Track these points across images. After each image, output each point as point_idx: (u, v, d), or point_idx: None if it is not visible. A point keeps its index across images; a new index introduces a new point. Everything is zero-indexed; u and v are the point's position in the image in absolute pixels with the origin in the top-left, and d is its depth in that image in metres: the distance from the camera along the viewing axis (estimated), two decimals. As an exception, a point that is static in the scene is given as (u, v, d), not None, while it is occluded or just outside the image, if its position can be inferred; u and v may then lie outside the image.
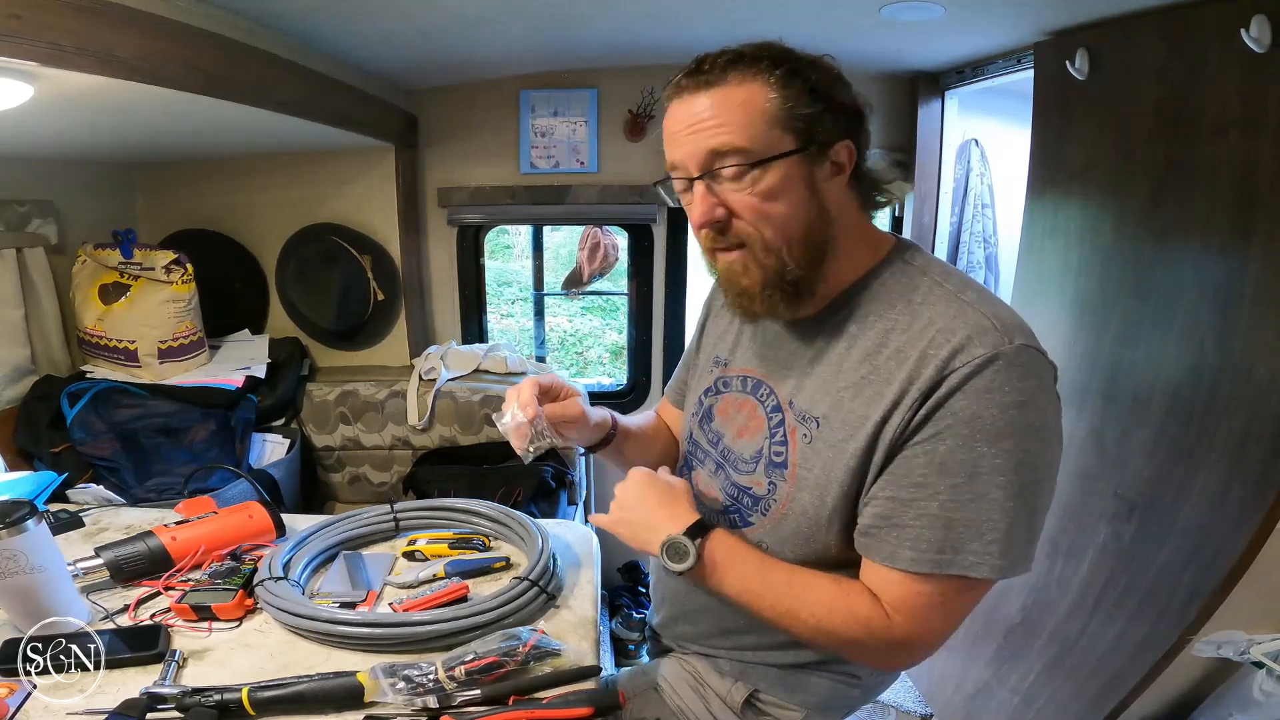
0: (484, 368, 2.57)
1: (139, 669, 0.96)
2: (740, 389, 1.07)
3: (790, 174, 0.88)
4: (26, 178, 1.98)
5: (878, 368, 0.89)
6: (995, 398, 0.80)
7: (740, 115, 0.86)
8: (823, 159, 0.89)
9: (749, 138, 0.86)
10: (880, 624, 0.88)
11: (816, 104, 0.87)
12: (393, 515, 1.33)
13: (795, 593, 0.92)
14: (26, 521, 0.97)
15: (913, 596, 0.86)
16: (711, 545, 0.94)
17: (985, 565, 0.82)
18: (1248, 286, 1.41)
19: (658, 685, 1.14)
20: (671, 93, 0.91)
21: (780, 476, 0.97)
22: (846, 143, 0.90)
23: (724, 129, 0.86)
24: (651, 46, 2.15)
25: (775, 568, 0.94)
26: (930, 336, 0.85)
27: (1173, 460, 1.56)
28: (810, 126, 0.87)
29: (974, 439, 0.81)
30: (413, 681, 0.90)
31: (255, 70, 1.59)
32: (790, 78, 0.86)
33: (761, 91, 0.86)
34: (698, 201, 0.91)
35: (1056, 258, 1.97)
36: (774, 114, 0.86)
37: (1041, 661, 1.85)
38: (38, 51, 1.04)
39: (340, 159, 2.48)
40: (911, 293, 0.91)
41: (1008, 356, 0.81)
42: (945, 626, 0.89)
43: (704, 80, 0.88)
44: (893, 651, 0.91)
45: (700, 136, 0.88)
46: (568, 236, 5.27)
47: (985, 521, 0.82)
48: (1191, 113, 1.52)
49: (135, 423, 1.98)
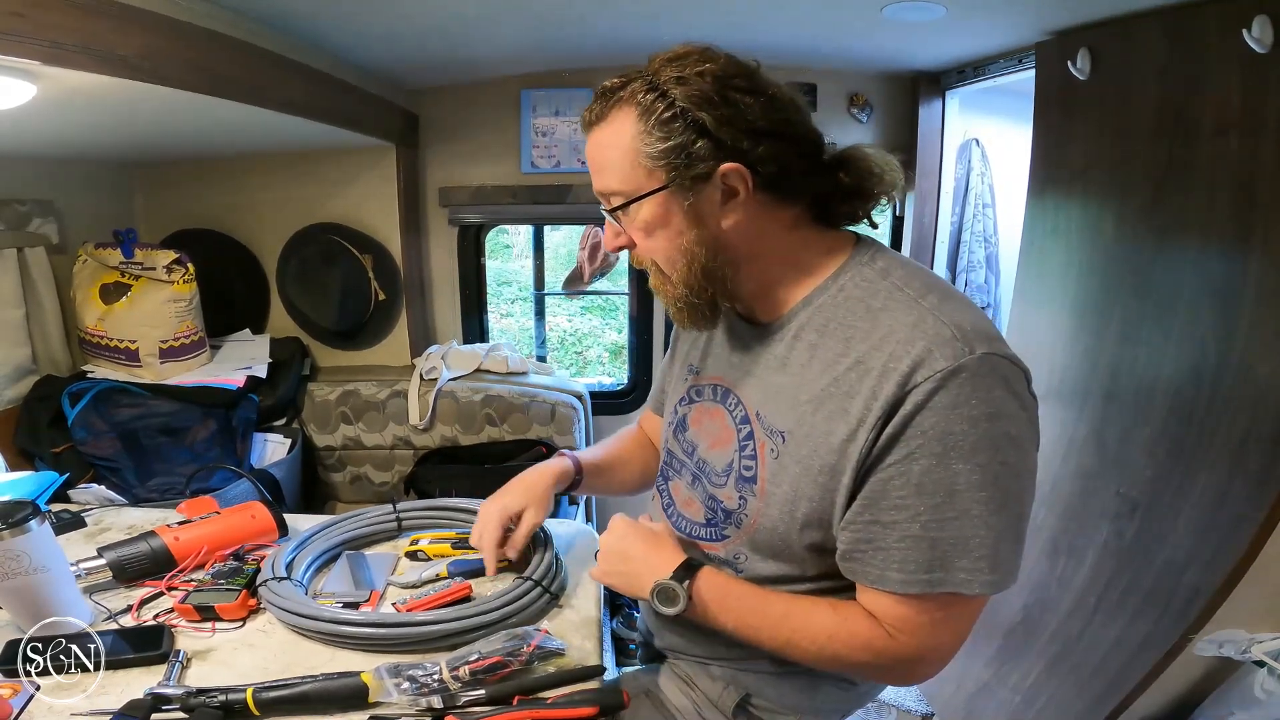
0: (485, 367, 2.57)
1: (143, 669, 0.96)
2: (711, 398, 1.06)
3: (663, 208, 0.88)
4: (28, 177, 1.98)
5: (838, 379, 0.87)
6: (963, 412, 0.78)
7: (610, 157, 0.89)
8: (701, 186, 0.86)
9: (619, 179, 0.89)
10: (883, 644, 0.87)
11: (681, 133, 0.84)
12: (395, 515, 1.33)
13: (794, 624, 0.92)
14: (29, 522, 0.96)
15: (911, 616, 0.85)
16: (700, 585, 0.94)
17: (976, 583, 0.81)
18: (1248, 286, 1.41)
19: (650, 691, 1.13)
20: (581, 127, 0.94)
21: (750, 491, 0.96)
22: (732, 166, 0.84)
23: (602, 172, 0.91)
24: (652, 46, 2.11)
25: (771, 600, 0.94)
26: (890, 349, 0.82)
27: (1174, 459, 1.56)
28: (672, 159, 0.85)
29: (947, 456, 0.79)
30: (417, 682, 0.90)
31: (257, 69, 1.59)
32: (653, 107, 0.84)
33: (629, 128, 0.86)
34: (606, 231, 0.98)
35: (1057, 257, 1.97)
36: (637, 152, 0.86)
37: (1043, 661, 1.85)
38: (39, 50, 1.04)
39: (341, 158, 2.48)
40: (871, 298, 0.88)
41: (970, 368, 0.78)
42: (951, 640, 0.89)
43: (592, 119, 0.91)
44: (904, 668, 0.90)
45: (594, 176, 0.93)
46: (568, 236, 5.27)
47: (971, 538, 0.80)
48: (1193, 113, 1.53)
49: (136, 422, 1.98)
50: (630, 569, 0.99)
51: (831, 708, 1.10)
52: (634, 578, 0.98)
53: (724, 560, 1.02)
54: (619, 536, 1.02)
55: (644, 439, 1.37)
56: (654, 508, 1.18)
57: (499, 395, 2.43)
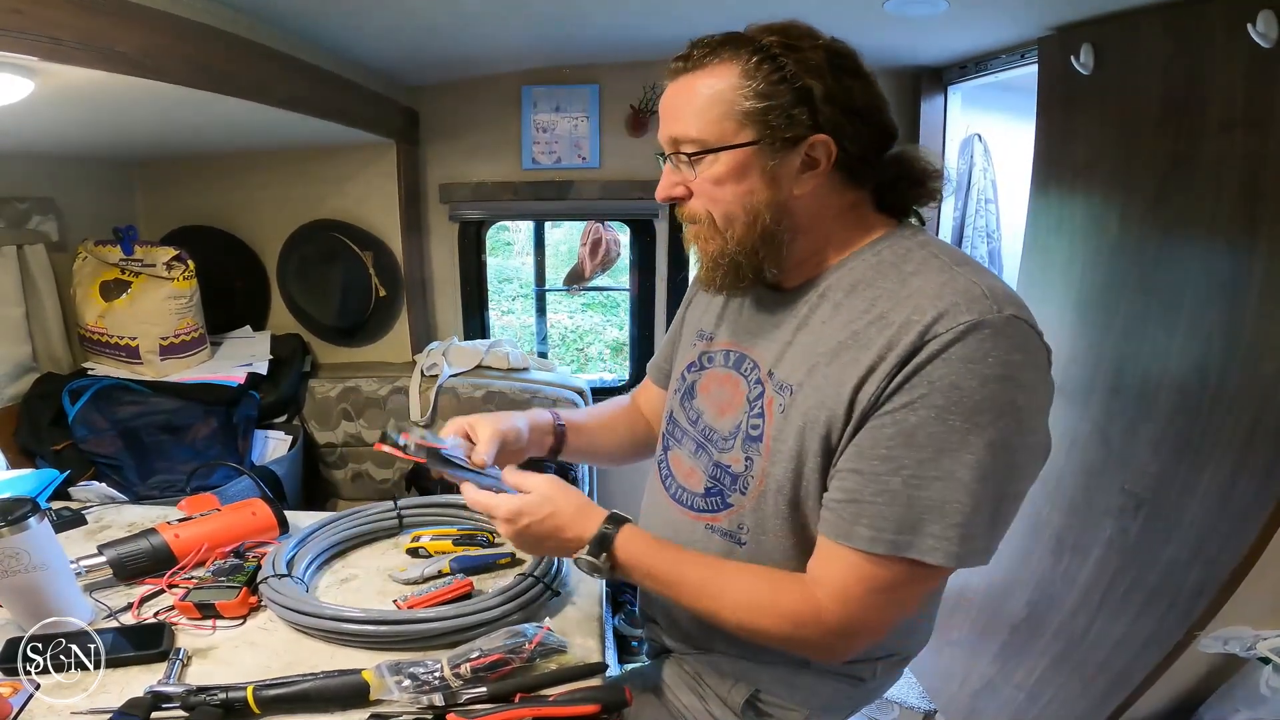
0: (486, 364, 2.56)
1: (143, 667, 0.96)
2: (724, 364, 1.05)
3: (742, 164, 0.88)
4: (27, 174, 1.98)
5: (858, 333, 0.86)
6: (977, 368, 0.76)
7: (700, 104, 0.88)
8: (787, 151, 0.87)
9: (701, 127, 0.88)
10: (810, 616, 0.86)
11: (783, 95, 0.85)
12: (396, 512, 1.33)
13: (711, 592, 0.91)
14: (29, 519, 0.96)
15: (860, 580, 0.83)
16: (620, 547, 0.93)
17: (940, 552, 0.78)
18: (1254, 281, 1.40)
19: (657, 688, 1.12)
20: (666, 75, 0.94)
21: (756, 451, 0.94)
22: (822, 138, 0.86)
23: (684, 117, 0.90)
24: (653, 42, 2.14)
25: (688, 565, 0.94)
26: (915, 303, 0.82)
27: (1179, 455, 1.55)
28: (769, 119, 0.86)
29: (947, 411, 0.77)
30: (418, 679, 0.89)
31: (257, 66, 1.59)
32: (759, 67, 0.86)
33: (728, 80, 0.87)
34: (664, 177, 0.96)
35: (1061, 253, 1.97)
36: (732, 104, 0.86)
37: (1047, 658, 1.84)
38: (38, 46, 1.04)
39: (342, 155, 2.48)
40: (904, 262, 0.88)
41: (995, 325, 0.77)
42: (889, 614, 0.87)
43: (686, 66, 0.90)
44: (829, 642, 0.88)
45: (669, 121, 0.92)
46: (568, 234, 5.26)
47: (949, 503, 0.78)
48: (1197, 108, 1.52)
49: (137, 420, 1.98)
50: (551, 545, 0.98)
51: (839, 704, 1.10)
52: (553, 547, 0.98)
53: (725, 533, 0.99)
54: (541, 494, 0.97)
55: (634, 410, 1.36)
56: (651, 480, 1.18)
57: (500, 392, 2.43)
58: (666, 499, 1.10)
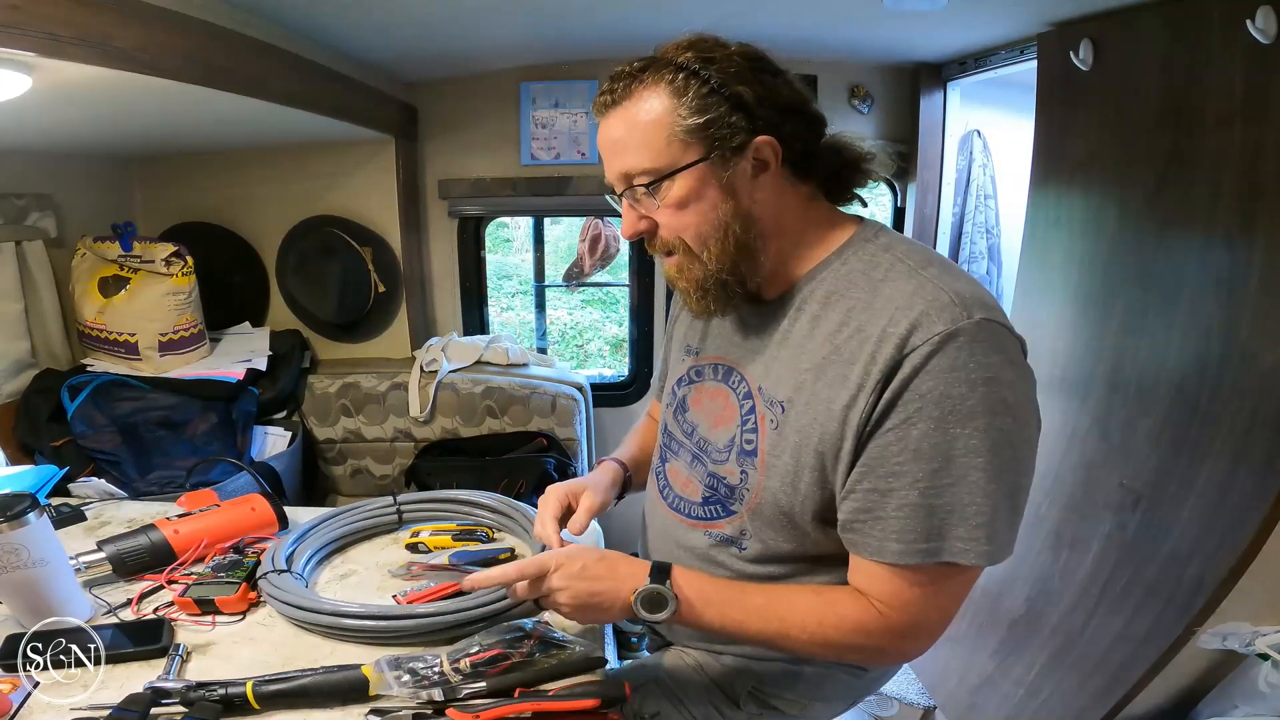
0: (485, 359, 2.56)
1: (142, 663, 0.96)
2: (713, 377, 1.06)
3: (698, 182, 0.89)
4: (25, 171, 1.97)
5: (839, 347, 0.88)
6: (961, 375, 0.78)
7: (641, 134, 0.88)
8: (736, 159, 0.88)
9: (650, 156, 0.89)
10: (875, 623, 0.88)
11: (718, 106, 0.86)
12: (396, 507, 1.33)
13: (779, 613, 0.91)
14: (28, 515, 0.96)
15: (905, 589, 0.86)
16: (679, 583, 0.92)
17: (973, 552, 0.81)
18: (1252, 275, 1.41)
19: (659, 679, 1.13)
20: (594, 112, 0.94)
21: (751, 465, 0.96)
22: (765, 138, 0.88)
23: (629, 150, 0.90)
24: (651, 37, 2.11)
25: (748, 591, 0.94)
26: (889, 314, 0.84)
27: (1178, 450, 1.55)
28: (712, 132, 0.87)
29: (945, 420, 0.79)
30: (418, 674, 0.89)
31: (254, 61, 1.58)
32: (687, 84, 0.86)
33: (660, 104, 0.87)
34: (625, 215, 0.96)
35: (1060, 248, 1.97)
36: (673, 126, 0.87)
37: (1046, 653, 1.84)
38: (36, 42, 1.03)
39: (340, 151, 2.47)
40: (873, 270, 0.90)
41: (968, 332, 0.79)
42: (943, 614, 0.89)
43: (613, 100, 0.90)
44: (896, 645, 0.91)
45: (615, 158, 0.92)
46: (567, 230, 5.26)
47: (969, 505, 0.80)
48: (1195, 103, 1.52)
49: (136, 416, 1.98)
50: (601, 589, 0.93)
51: (840, 695, 1.11)
52: (606, 597, 0.93)
53: (727, 538, 1.01)
54: (574, 565, 0.94)
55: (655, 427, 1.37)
56: (649, 491, 1.18)
57: (500, 387, 2.43)
58: (665, 508, 1.12)
